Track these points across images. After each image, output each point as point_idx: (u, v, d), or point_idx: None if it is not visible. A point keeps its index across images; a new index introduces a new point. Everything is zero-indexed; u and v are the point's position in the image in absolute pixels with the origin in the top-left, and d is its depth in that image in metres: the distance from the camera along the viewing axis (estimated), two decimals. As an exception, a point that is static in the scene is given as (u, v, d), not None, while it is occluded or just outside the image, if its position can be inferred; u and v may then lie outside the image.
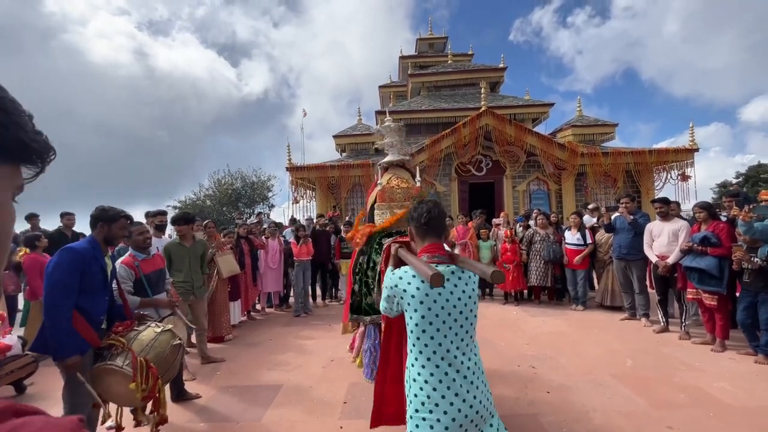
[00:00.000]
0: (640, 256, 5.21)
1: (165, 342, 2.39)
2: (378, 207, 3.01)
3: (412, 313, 1.50)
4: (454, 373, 1.44)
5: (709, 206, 4.53)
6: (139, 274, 3.08)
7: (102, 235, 2.45)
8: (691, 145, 10.97)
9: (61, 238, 5.58)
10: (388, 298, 1.61)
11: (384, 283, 1.64)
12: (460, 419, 1.40)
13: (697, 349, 4.31)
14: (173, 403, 3.30)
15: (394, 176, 3.05)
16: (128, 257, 3.16)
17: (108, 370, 2.19)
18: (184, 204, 22.00)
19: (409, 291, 1.50)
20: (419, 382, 1.47)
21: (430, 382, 1.44)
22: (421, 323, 1.47)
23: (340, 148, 14.39)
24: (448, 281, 1.51)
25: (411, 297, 1.49)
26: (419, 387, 1.46)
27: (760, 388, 3.28)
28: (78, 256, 2.25)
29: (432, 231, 1.65)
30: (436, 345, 1.46)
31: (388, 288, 1.59)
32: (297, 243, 6.58)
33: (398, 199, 2.90)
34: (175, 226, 4.30)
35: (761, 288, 3.85)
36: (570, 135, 12.70)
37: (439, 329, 1.47)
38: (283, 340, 5.15)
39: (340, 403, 3.27)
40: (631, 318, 5.51)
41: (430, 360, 1.46)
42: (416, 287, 1.49)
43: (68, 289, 2.18)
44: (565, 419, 2.90)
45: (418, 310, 1.48)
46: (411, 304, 1.49)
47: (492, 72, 15.85)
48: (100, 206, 2.50)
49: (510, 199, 11.77)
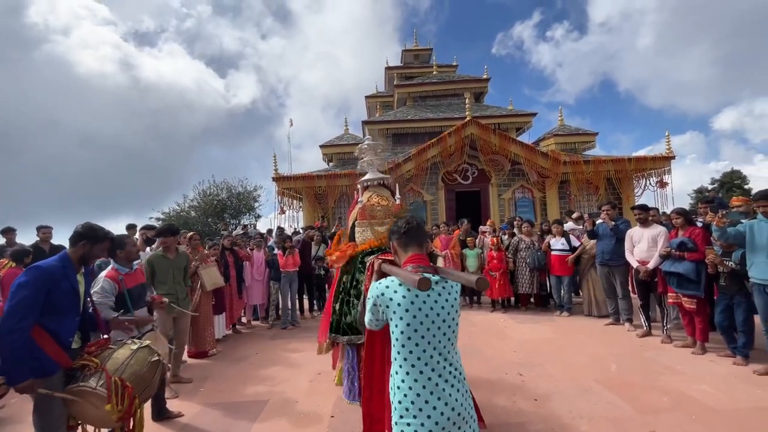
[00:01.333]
0: (623, 261, 5.32)
1: (142, 359, 2.30)
2: (359, 224, 3.04)
3: (397, 321, 1.52)
4: (436, 378, 1.48)
5: (686, 212, 4.68)
6: (122, 287, 2.98)
7: (80, 253, 2.33)
8: (668, 153, 11.36)
9: (38, 253, 5.39)
10: (373, 308, 1.62)
11: (369, 293, 1.64)
12: (442, 422, 1.44)
13: (678, 352, 4.40)
14: (154, 422, 3.20)
15: (374, 194, 3.09)
16: (112, 271, 3.04)
17: (81, 392, 2.09)
18: (168, 216, 21.55)
19: (395, 299, 1.53)
20: (403, 389, 1.49)
21: (414, 389, 1.47)
22: (406, 330, 1.50)
23: (327, 157, 14.41)
24: (433, 290, 1.54)
25: (397, 305, 1.52)
26: (403, 394, 1.49)
27: (739, 390, 3.36)
28: (45, 275, 2.12)
29: (413, 241, 1.69)
30: (420, 352, 1.50)
31: (374, 297, 1.60)
32: (283, 254, 6.51)
33: (379, 216, 2.92)
34: (160, 237, 4.25)
35: (737, 291, 3.98)
36: (552, 144, 13.01)
37: (423, 336, 1.50)
38: (270, 354, 5.05)
39: (327, 417, 3.22)
40: (615, 323, 5.61)
41: (414, 366, 1.49)
42: (402, 295, 1.52)
43: (28, 310, 2.05)
44: (553, 427, 2.91)
45: (403, 318, 1.50)
46: (396, 312, 1.52)
47: (476, 83, 16.19)
48: (88, 223, 2.38)
49: (496, 207, 11.94)
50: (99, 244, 2.39)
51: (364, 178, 3.24)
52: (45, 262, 2.21)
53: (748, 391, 3.35)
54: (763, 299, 3.61)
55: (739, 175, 30.36)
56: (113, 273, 3.02)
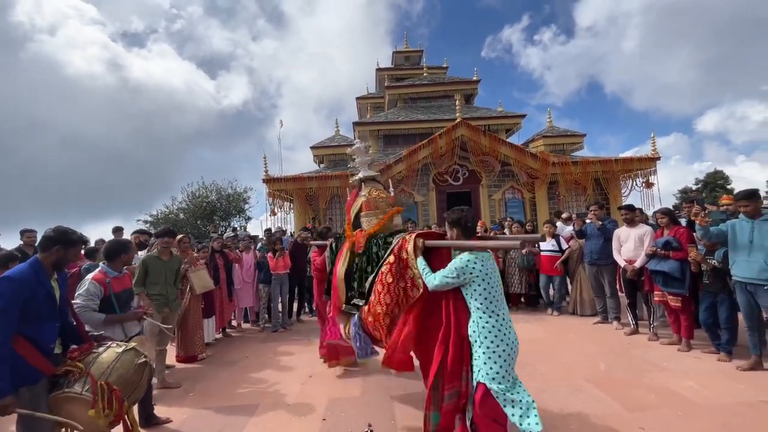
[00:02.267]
0: (610, 260, 5.41)
1: (128, 362, 2.25)
2: (365, 215, 3.44)
3: (480, 283, 2.24)
4: (502, 320, 2.25)
5: (670, 212, 4.78)
6: (108, 291, 2.92)
7: (53, 258, 2.23)
8: (654, 154, 11.59)
9: (24, 258, 5.25)
10: (456, 277, 2.27)
11: (453, 265, 2.30)
12: (511, 347, 2.24)
13: (665, 349, 4.49)
14: (143, 429, 3.13)
15: (373, 188, 3.51)
16: (99, 273, 2.98)
17: (66, 398, 2.04)
18: (156, 218, 21.23)
19: (477, 268, 2.25)
20: (487, 329, 2.21)
21: (495, 327, 2.21)
22: (488, 288, 2.24)
23: (317, 159, 14.36)
24: (489, 260, 2.33)
25: (479, 271, 2.24)
26: (488, 331, 2.20)
27: (723, 386, 3.44)
28: (18, 285, 2.03)
29: (473, 231, 2.47)
30: (496, 303, 2.25)
31: (459, 269, 2.26)
32: (273, 256, 6.45)
33: (381, 207, 3.37)
34: (162, 238, 4.33)
35: (720, 288, 4.07)
36: (541, 145, 13.17)
37: (495, 292, 2.26)
38: (261, 357, 5.00)
39: (318, 420, 3.20)
40: (603, 321, 5.69)
41: (493, 313, 2.23)
42: (482, 265, 2.26)
43: (3, 326, 1.96)
44: (545, 427, 2.93)
45: (485, 279, 2.24)
46: (480, 276, 2.24)
47: (466, 84, 16.31)
48: (60, 227, 2.30)
49: (486, 208, 12.03)
50: (72, 249, 2.31)
51: (362, 175, 3.62)
52: (16, 271, 2.11)
53: (732, 386, 3.42)
54: (745, 297, 3.70)
55: (722, 175, 31.15)
56: (101, 275, 2.96)
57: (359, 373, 4.20)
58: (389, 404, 3.43)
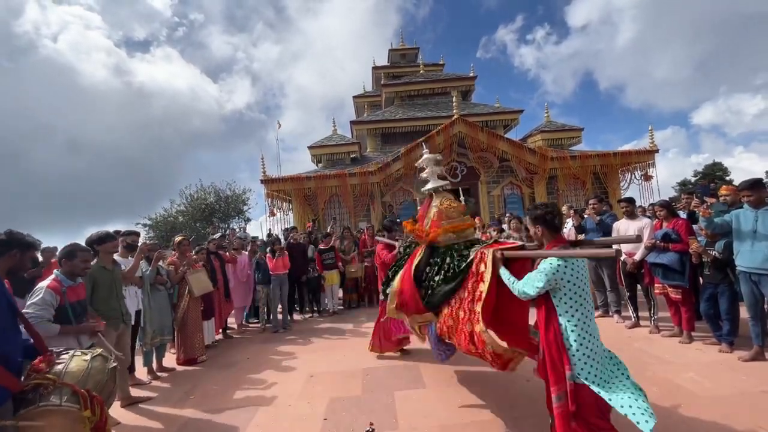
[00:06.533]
0: (610, 254, 5.38)
1: (100, 369, 2.13)
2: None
3: (570, 287, 2.17)
4: (590, 323, 2.22)
5: (669, 204, 4.76)
6: (64, 301, 2.76)
7: (9, 264, 2.08)
8: (652, 147, 11.56)
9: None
10: (547, 282, 2.18)
11: (542, 271, 2.20)
12: (600, 349, 2.26)
13: (666, 342, 4.47)
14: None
15: (444, 198, 3.56)
16: (54, 281, 2.80)
17: (43, 413, 1.86)
18: (155, 221, 21.23)
19: (567, 272, 2.16)
20: (576, 332, 2.17)
21: (584, 330, 2.19)
22: (577, 292, 2.18)
23: (315, 158, 14.30)
24: (579, 263, 2.22)
25: (570, 276, 2.16)
26: (577, 334, 2.17)
27: (725, 377, 3.43)
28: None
29: (558, 228, 2.37)
30: (583, 306, 2.20)
31: (550, 274, 2.16)
32: (272, 256, 6.43)
33: (453, 216, 3.41)
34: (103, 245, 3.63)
35: (720, 280, 4.06)
36: (539, 140, 13.13)
37: (583, 295, 2.20)
38: (261, 358, 4.99)
39: (320, 420, 3.18)
40: (604, 315, 5.68)
41: (582, 315, 2.19)
42: (572, 270, 2.17)
43: None
44: (548, 422, 2.92)
45: (576, 284, 2.17)
46: (570, 281, 2.16)
47: (463, 81, 16.25)
48: (11, 230, 2.12)
49: (486, 204, 12.00)
50: (28, 252, 2.20)
51: (432, 186, 3.66)
52: None
53: (734, 377, 3.41)
54: (749, 287, 3.69)
55: (721, 167, 31.15)
56: (56, 284, 2.78)
57: (360, 372, 4.19)
58: (391, 403, 3.41)
